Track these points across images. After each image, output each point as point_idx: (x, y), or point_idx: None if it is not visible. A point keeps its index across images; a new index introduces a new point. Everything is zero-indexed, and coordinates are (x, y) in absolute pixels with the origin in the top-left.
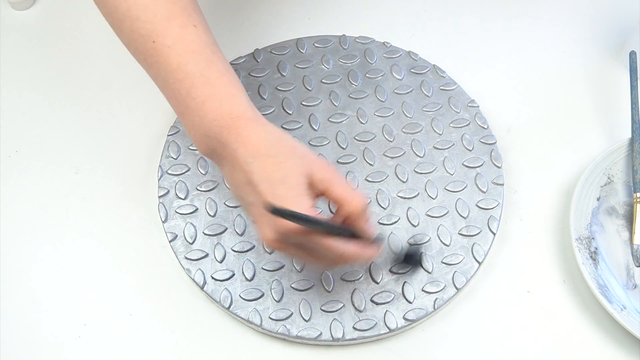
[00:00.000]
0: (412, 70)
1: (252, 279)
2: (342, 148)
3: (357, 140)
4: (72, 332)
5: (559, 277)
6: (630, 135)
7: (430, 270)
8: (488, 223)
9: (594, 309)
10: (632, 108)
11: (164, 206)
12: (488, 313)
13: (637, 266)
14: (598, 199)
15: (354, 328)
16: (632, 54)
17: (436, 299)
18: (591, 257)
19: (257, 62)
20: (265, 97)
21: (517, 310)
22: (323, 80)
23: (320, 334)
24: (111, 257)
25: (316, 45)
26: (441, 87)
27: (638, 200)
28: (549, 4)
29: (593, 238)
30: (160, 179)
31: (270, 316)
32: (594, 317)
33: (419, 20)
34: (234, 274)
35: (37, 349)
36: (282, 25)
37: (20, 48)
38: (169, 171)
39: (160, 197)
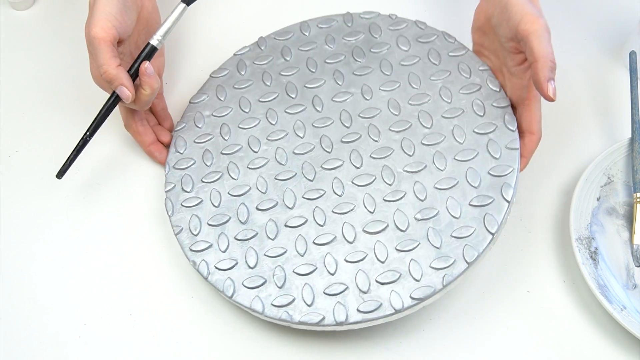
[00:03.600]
0: (419, 39)
1: (254, 267)
2: (346, 127)
3: (361, 117)
4: (72, 332)
5: (559, 277)
6: (630, 135)
7: (438, 246)
8: (502, 191)
9: (594, 309)
10: (632, 108)
11: (171, 200)
12: (488, 313)
13: (637, 266)
14: (598, 199)
15: (358, 310)
16: (632, 54)
17: (445, 274)
18: (591, 257)
19: (261, 50)
20: (268, 84)
21: (517, 310)
22: (327, 61)
23: (323, 318)
24: (111, 257)
25: (320, 26)
26: (450, 54)
27: (638, 200)
28: (548, 4)
29: (593, 238)
30: (167, 173)
31: (273, 303)
32: (594, 317)
33: None
34: (237, 263)
35: (37, 349)
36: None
37: (20, 48)
38: (176, 166)
39: (167, 191)
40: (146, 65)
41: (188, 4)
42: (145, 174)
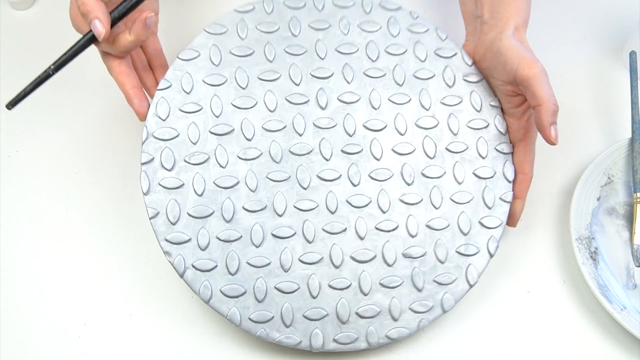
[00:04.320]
0: (436, 52)
1: (235, 274)
2: (349, 135)
3: (365, 127)
4: (72, 332)
5: (559, 277)
6: (630, 135)
7: (420, 288)
8: (487, 244)
9: (594, 309)
10: (632, 108)
11: (147, 176)
12: (488, 313)
13: (637, 266)
14: (598, 199)
15: (335, 340)
16: (632, 54)
17: (422, 319)
18: (591, 257)
19: (267, 13)
20: (271, 60)
21: (517, 310)
22: (338, 49)
23: (300, 342)
24: (111, 257)
25: (336, 4)
26: (465, 77)
27: (638, 200)
28: (548, 4)
29: (593, 238)
30: (144, 142)
31: (250, 317)
32: (594, 317)
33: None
34: (216, 266)
35: (37, 349)
36: None
37: (20, 48)
38: (155, 135)
39: (143, 164)
40: (150, 15)
41: None
42: None
